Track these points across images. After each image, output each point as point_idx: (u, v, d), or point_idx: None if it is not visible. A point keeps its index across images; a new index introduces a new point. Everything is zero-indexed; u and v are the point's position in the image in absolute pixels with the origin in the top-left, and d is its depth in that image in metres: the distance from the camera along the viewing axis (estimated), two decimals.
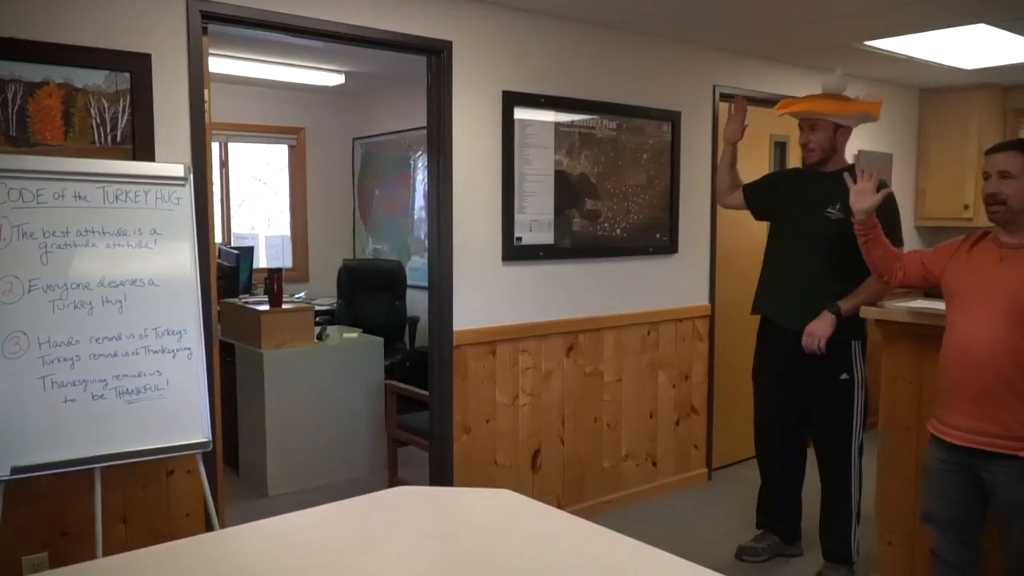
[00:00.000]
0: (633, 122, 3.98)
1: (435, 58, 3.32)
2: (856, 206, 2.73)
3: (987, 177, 2.40)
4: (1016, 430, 2.29)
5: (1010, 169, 2.34)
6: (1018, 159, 2.34)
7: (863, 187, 2.73)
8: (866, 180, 2.74)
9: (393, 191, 6.26)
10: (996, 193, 2.36)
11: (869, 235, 2.74)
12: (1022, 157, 2.35)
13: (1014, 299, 2.30)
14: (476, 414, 3.53)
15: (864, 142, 5.18)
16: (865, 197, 2.72)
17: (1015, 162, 2.34)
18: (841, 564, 3.27)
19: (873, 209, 2.72)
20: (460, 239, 3.43)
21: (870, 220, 2.73)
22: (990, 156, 2.41)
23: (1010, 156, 2.36)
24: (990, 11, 3.53)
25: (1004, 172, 2.35)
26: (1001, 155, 2.38)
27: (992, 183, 2.38)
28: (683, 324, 4.29)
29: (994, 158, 2.39)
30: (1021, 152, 2.36)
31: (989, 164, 2.40)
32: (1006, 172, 2.34)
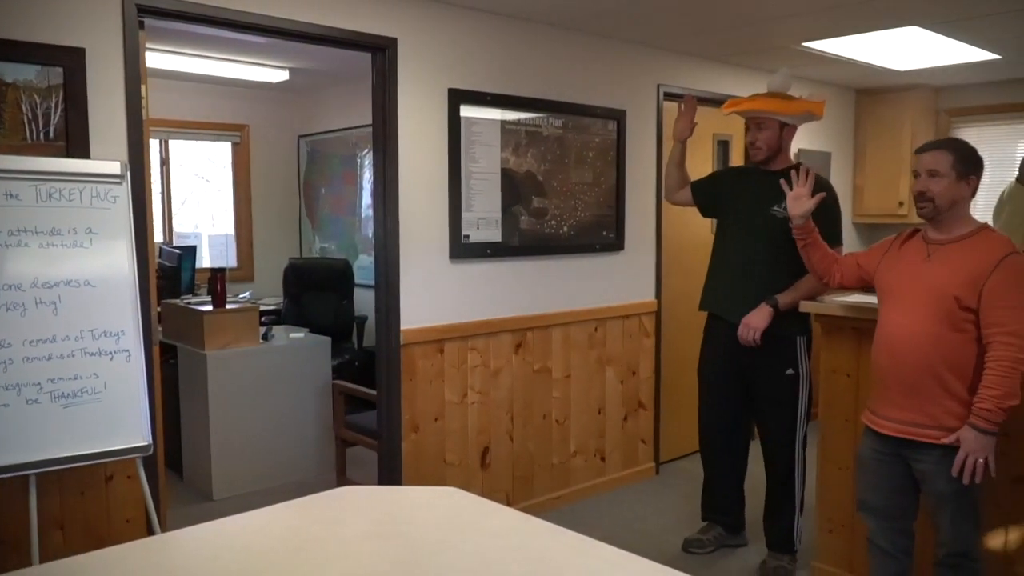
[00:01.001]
0: (579, 120, 4.01)
1: (380, 55, 3.29)
2: (793, 211, 2.81)
3: (917, 175, 2.48)
4: (943, 420, 2.38)
5: (938, 168, 2.42)
6: (946, 158, 2.43)
7: (799, 192, 2.81)
8: (801, 185, 2.81)
9: (340, 189, 6.20)
10: (924, 191, 2.44)
11: (807, 239, 2.82)
12: (950, 156, 2.43)
13: (939, 294, 2.38)
14: (424, 413, 3.52)
15: (804, 141, 5.30)
16: (801, 202, 2.80)
17: (943, 161, 2.42)
18: (784, 553, 3.35)
19: (809, 214, 2.80)
20: (407, 237, 3.41)
21: (807, 224, 2.80)
22: (920, 155, 2.50)
23: (938, 155, 2.44)
24: (921, 14, 3.65)
25: (932, 171, 2.43)
26: (929, 154, 2.46)
27: (921, 181, 2.46)
28: (630, 320, 4.34)
29: (923, 157, 2.47)
30: (949, 151, 2.44)
31: (919, 162, 2.48)
32: (934, 171, 2.42)
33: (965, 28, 3.90)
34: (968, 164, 2.44)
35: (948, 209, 2.44)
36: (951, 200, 2.43)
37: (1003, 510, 2.69)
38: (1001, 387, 2.27)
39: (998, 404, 2.27)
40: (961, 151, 2.45)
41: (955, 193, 2.42)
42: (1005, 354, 2.28)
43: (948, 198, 2.42)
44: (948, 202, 2.43)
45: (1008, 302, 2.31)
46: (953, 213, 2.45)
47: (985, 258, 2.36)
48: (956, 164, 2.41)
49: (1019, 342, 2.29)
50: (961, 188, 2.42)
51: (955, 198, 2.43)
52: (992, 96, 5.46)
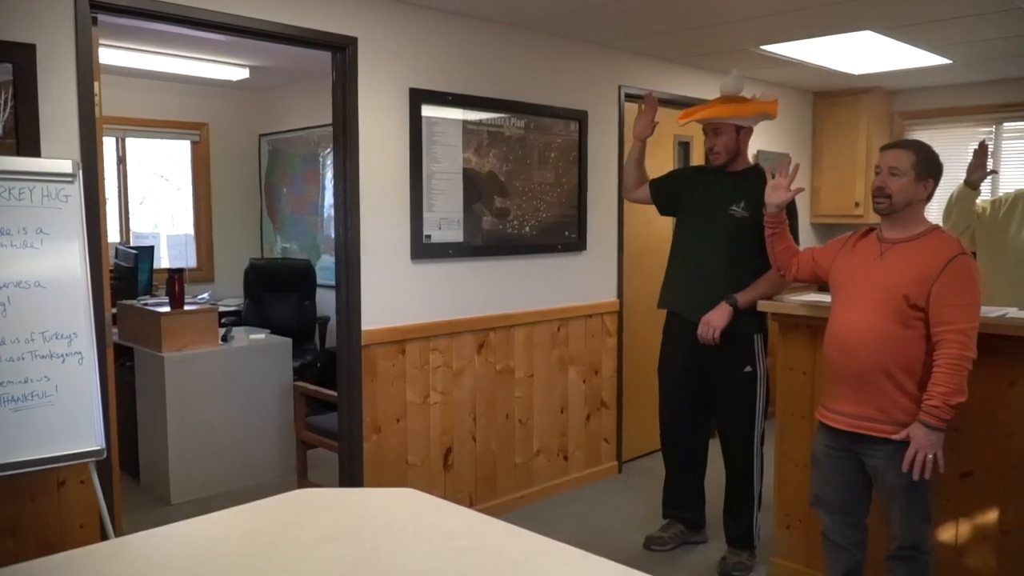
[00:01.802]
0: (541, 121, 4.03)
1: (340, 54, 3.27)
2: (770, 199, 2.85)
3: (878, 172, 2.53)
4: (894, 414, 2.43)
5: (899, 166, 2.48)
6: (908, 158, 2.49)
7: (780, 182, 2.85)
8: (784, 176, 2.85)
9: (301, 189, 6.14)
10: (883, 187, 2.49)
11: (777, 229, 2.87)
12: (912, 157, 2.49)
13: (889, 292, 2.43)
14: (386, 414, 3.51)
15: (763, 143, 5.38)
16: (780, 192, 2.84)
17: (905, 160, 2.48)
18: (743, 549, 3.39)
19: (785, 204, 2.85)
20: (368, 237, 3.39)
21: (780, 215, 2.85)
22: (884, 152, 2.55)
23: (901, 154, 2.50)
24: (875, 19, 3.72)
25: (893, 168, 2.48)
26: (892, 152, 2.52)
27: (881, 177, 2.51)
28: (592, 320, 4.37)
29: (886, 154, 2.53)
30: (912, 152, 2.50)
31: (882, 160, 2.54)
32: (895, 168, 2.48)
33: (916, 33, 3.99)
34: (928, 167, 2.49)
35: (904, 208, 2.49)
36: (907, 199, 2.48)
37: (953, 503, 2.76)
38: (949, 384, 2.33)
39: (946, 401, 2.32)
40: (923, 154, 2.50)
41: (912, 193, 2.48)
42: (953, 351, 2.34)
43: (905, 196, 2.48)
44: (904, 200, 2.48)
45: (956, 301, 2.37)
46: (908, 213, 2.50)
47: (935, 258, 2.41)
48: (917, 165, 2.47)
49: (966, 340, 2.35)
50: (918, 189, 2.48)
51: (911, 198, 2.48)
52: (944, 99, 5.59)
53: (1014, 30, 3.89)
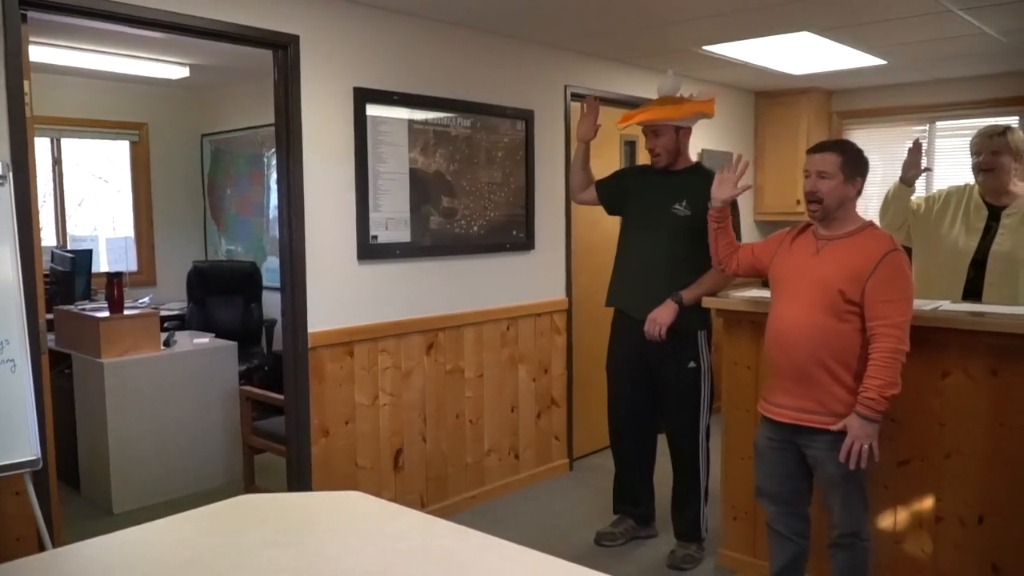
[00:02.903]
0: (487, 120, 4.03)
1: (281, 52, 3.22)
2: (716, 193, 2.89)
3: (807, 176, 2.59)
4: (831, 406, 2.50)
5: (826, 169, 2.53)
6: (835, 160, 2.54)
7: (728, 177, 2.89)
8: (732, 171, 2.90)
9: (246, 190, 6.04)
10: (814, 191, 2.55)
11: (721, 223, 2.91)
12: (838, 158, 2.54)
13: (825, 287, 2.49)
14: (334, 416, 3.47)
15: (707, 141, 5.46)
16: (727, 187, 2.88)
17: (831, 162, 2.54)
18: (692, 542, 3.44)
19: (731, 200, 2.89)
20: (313, 238, 3.35)
21: (725, 209, 2.89)
22: (810, 156, 2.61)
23: (827, 157, 2.55)
24: (812, 20, 3.81)
25: (821, 172, 2.54)
26: (819, 156, 2.57)
27: (811, 182, 2.57)
28: (541, 319, 4.38)
29: (813, 158, 2.59)
30: (837, 153, 2.56)
31: (809, 164, 2.59)
32: (823, 172, 2.54)
33: (852, 34, 4.10)
34: (855, 166, 2.56)
35: (836, 209, 2.55)
36: (839, 200, 2.55)
37: (890, 492, 2.84)
38: (884, 377, 2.40)
39: (881, 393, 2.39)
40: (849, 153, 2.57)
41: (843, 194, 2.54)
42: (887, 345, 2.41)
43: (836, 198, 2.54)
44: (836, 202, 2.54)
45: (889, 296, 2.44)
46: (840, 212, 2.57)
47: (869, 255, 2.48)
48: (844, 166, 2.53)
49: (900, 334, 2.42)
50: (848, 189, 2.54)
51: (843, 198, 2.55)
52: (880, 99, 5.75)
53: (946, 32, 4.02)
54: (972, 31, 3.96)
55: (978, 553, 2.69)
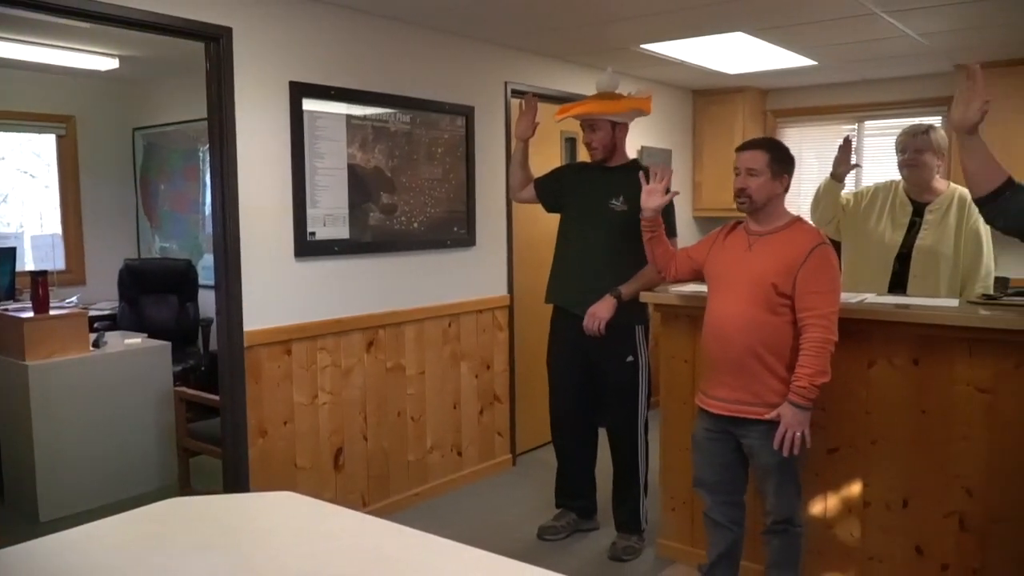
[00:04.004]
0: (427, 116, 4.00)
1: (213, 45, 3.15)
2: (646, 204, 2.92)
3: (737, 173, 2.66)
4: (766, 397, 2.56)
5: (755, 166, 2.60)
6: (762, 157, 2.62)
7: (654, 187, 2.93)
8: (658, 181, 2.93)
9: (180, 185, 5.89)
10: (744, 188, 2.62)
11: (654, 232, 2.94)
12: (766, 155, 2.62)
13: (759, 281, 2.56)
14: (272, 416, 3.41)
15: (647, 139, 5.53)
16: (655, 197, 2.92)
17: (759, 159, 2.61)
18: (632, 533, 3.49)
19: (660, 208, 2.92)
20: (248, 235, 3.28)
21: (656, 219, 2.93)
22: (739, 153, 2.68)
23: (755, 154, 2.62)
24: (744, 21, 3.89)
25: (750, 169, 2.61)
26: (747, 153, 2.64)
27: (740, 179, 2.63)
28: (483, 315, 4.38)
29: (741, 155, 2.66)
30: (765, 151, 2.63)
31: (738, 161, 2.66)
32: (752, 169, 2.61)
33: (784, 35, 4.20)
34: (782, 163, 2.64)
35: (765, 204, 2.63)
36: (767, 196, 2.62)
37: (821, 479, 2.93)
38: (814, 366, 2.47)
39: (811, 382, 2.47)
40: (776, 151, 2.65)
41: (771, 190, 2.62)
42: (816, 335, 2.49)
43: (764, 194, 2.61)
44: (765, 198, 2.62)
45: (818, 288, 2.52)
46: (769, 207, 2.64)
47: (798, 249, 2.56)
48: (771, 163, 2.61)
49: (829, 324, 2.51)
50: (775, 185, 2.62)
51: (771, 194, 2.62)
52: (811, 99, 5.91)
53: (871, 34, 4.15)
54: (896, 33, 4.10)
55: (903, 535, 2.80)
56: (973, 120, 2.18)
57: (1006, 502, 2.55)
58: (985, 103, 2.18)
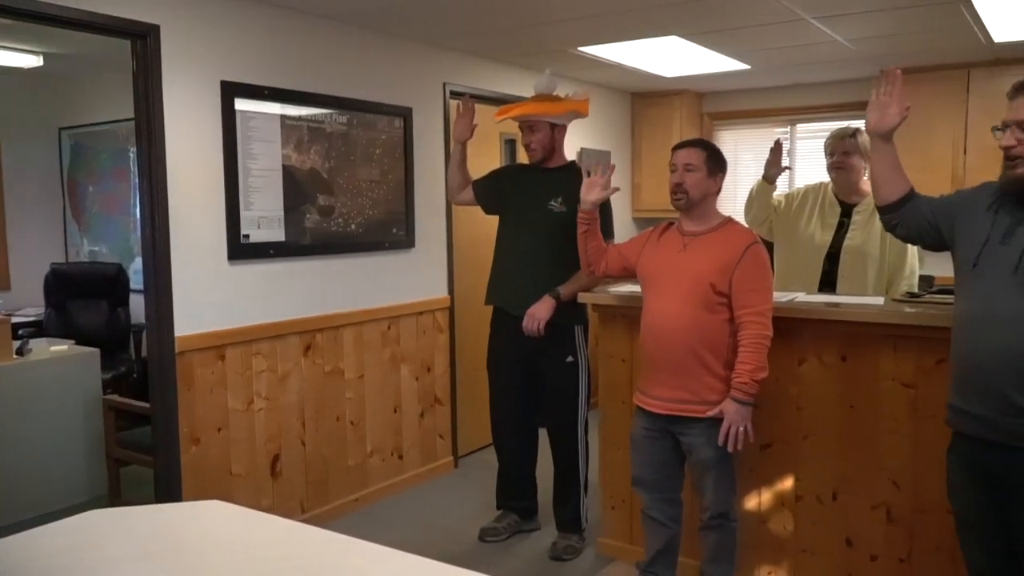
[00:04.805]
0: (364, 117, 3.96)
1: (140, 43, 3.06)
2: (585, 196, 2.94)
3: (673, 170, 2.70)
4: (705, 395, 2.61)
5: (692, 162, 2.66)
6: (700, 154, 2.68)
7: (596, 180, 2.95)
8: (599, 175, 2.96)
9: (110, 187, 5.71)
10: (681, 183, 2.67)
11: (590, 225, 2.96)
12: (703, 153, 2.69)
13: (695, 280, 2.61)
14: (206, 423, 3.33)
15: (586, 140, 5.58)
16: (595, 190, 2.94)
17: (697, 157, 2.67)
18: (573, 533, 3.51)
19: (599, 202, 2.94)
20: (179, 238, 3.20)
21: (593, 212, 2.95)
22: (677, 151, 2.73)
23: (692, 152, 2.68)
24: (678, 25, 3.95)
25: (688, 165, 2.66)
26: (684, 151, 2.70)
27: (678, 175, 2.68)
28: (424, 317, 4.36)
29: (679, 153, 2.71)
30: (702, 149, 2.70)
31: (676, 158, 2.71)
32: (689, 165, 2.66)
33: (717, 39, 4.28)
34: (717, 163, 2.70)
35: (700, 202, 2.68)
36: (703, 193, 2.67)
37: (755, 474, 2.99)
38: (753, 362, 2.54)
39: (752, 377, 2.53)
40: (712, 151, 2.72)
41: (706, 187, 2.67)
42: (754, 332, 2.55)
43: (700, 191, 2.67)
44: (700, 195, 2.67)
45: (754, 286, 2.58)
46: (703, 206, 2.69)
47: (733, 248, 2.61)
48: (708, 161, 2.67)
49: (765, 320, 2.57)
50: (711, 184, 2.68)
51: (706, 192, 2.68)
52: (746, 102, 6.04)
53: (801, 39, 4.26)
54: (825, 39, 4.22)
55: (833, 528, 2.87)
56: (892, 124, 2.25)
57: (930, 493, 2.64)
58: (905, 108, 2.25)
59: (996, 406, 1.96)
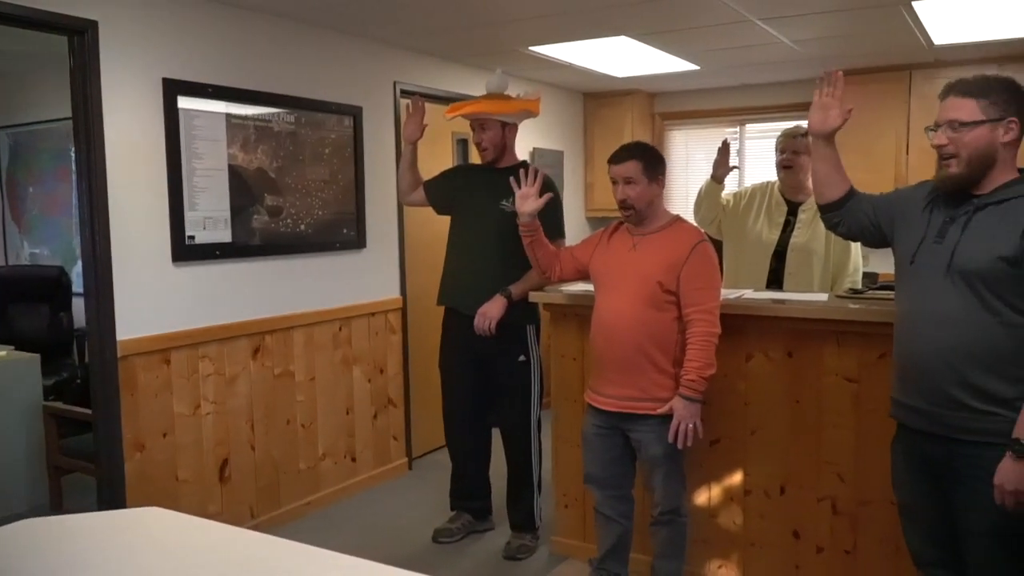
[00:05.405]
0: (313, 116, 3.91)
1: (78, 39, 2.97)
2: (521, 209, 2.94)
3: (615, 183, 2.71)
4: (654, 392, 2.63)
5: (631, 175, 2.67)
6: (635, 166, 2.67)
7: (527, 192, 2.94)
8: (529, 185, 2.95)
9: (52, 188, 5.54)
10: (625, 199, 2.68)
11: (533, 236, 2.96)
12: (639, 164, 2.67)
13: (644, 279, 2.63)
14: (150, 429, 3.25)
15: (539, 140, 5.59)
16: (529, 201, 2.93)
17: (634, 169, 2.67)
18: (527, 532, 3.51)
19: (536, 212, 2.93)
20: (120, 240, 3.12)
21: (533, 223, 2.94)
22: (612, 165, 2.72)
23: (628, 165, 2.68)
24: (628, 25, 3.98)
25: (627, 178, 2.67)
26: (621, 165, 2.69)
27: (620, 189, 2.69)
28: (376, 318, 4.32)
29: (615, 168, 2.71)
30: (637, 159, 2.68)
31: (613, 172, 2.71)
32: (628, 178, 2.67)
33: (666, 40, 4.32)
34: (655, 167, 2.71)
35: (647, 208, 2.70)
36: (648, 200, 2.69)
37: (705, 470, 3.02)
38: (701, 359, 2.56)
39: (700, 374, 2.56)
40: (646, 157, 2.70)
41: (650, 194, 2.69)
42: (701, 329, 2.58)
43: (645, 200, 2.69)
44: (646, 203, 2.69)
45: (701, 284, 2.61)
46: (651, 210, 2.71)
47: (681, 246, 2.64)
48: (645, 170, 2.67)
49: (712, 318, 2.60)
50: (653, 188, 2.69)
51: (651, 198, 2.70)
52: (696, 102, 6.11)
53: (748, 40, 4.32)
54: (771, 40, 4.28)
55: (781, 521, 2.92)
56: (834, 126, 2.29)
57: (873, 485, 2.69)
58: (847, 111, 2.30)
59: (935, 400, 2.02)
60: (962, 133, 1.98)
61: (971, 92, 1.99)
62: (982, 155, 1.98)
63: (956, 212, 2.03)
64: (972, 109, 1.97)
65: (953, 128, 2.00)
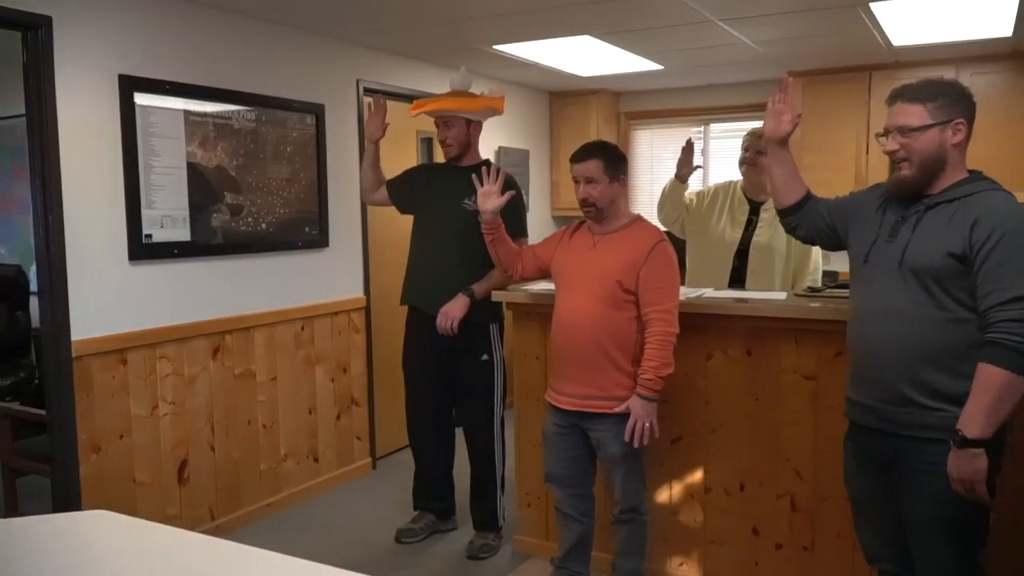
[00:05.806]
0: (274, 114, 3.87)
1: (31, 34, 2.91)
2: (483, 207, 2.93)
3: (577, 182, 2.71)
4: (613, 391, 2.64)
5: (592, 175, 2.67)
6: (597, 165, 2.67)
7: (488, 190, 2.94)
8: (491, 183, 2.95)
9: (9, 185, 5.42)
10: (587, 198, 2.68)
11: (495, 234, 2.96)
12: (600, 163, 2.68)
13: (604, 278, 2.64)
14: (106, 430, 3.20)
15: (504, 139, 5.59)
16: (491, 199, 2.93)
17: (595, 168, 2.67)
18: (490, 531, 3.51)
19: (497, 210, 2.93)
20: (75, 238, 3.06)
21: (495, 220, 2.94)
22: (574, 164, 2.72)
23: (590, 164, 2.68)
24: (591, 24, 3.99)
25: (588, 178, 2.67)
26: (582, 164, 2.69)
27: (582, 188, 2.69)
28: (339, 317, 4.29)
29: (577, 167, 2.71)
30: (598, 158, 2.69)
31: (575, 172, 2.72)
32: (590, 178, 2.67)
33: (629, 40, 4.34)
34: (616, 166, 2.71)
35: (609, 207, 2.70)
36: (610, 199, 2.70)
37: (665, 467, 3.05)
38: (659, 359, 2.58)
39: (657, 373, 2.57)
40: (607, 156, 2.71)
41: (612, 193, 2.70)
42: (660, 329, 2.60)
43: (607, 199, 2.69)
44: (608, 202, 2.70)
45: (660, 284, 2.62)
46: (612, 209, 2.72)
47: (640, 246, 2.65)
48: (607, 169, 2.68)
49: (671, 318, 2.62)
50: (615, 187, 2.70)
51: (613, 197, 2.70)
52: (661, 102, 6.15)
53: (710, 41, 4.35)
54: (733, 41, 4.32)
55: (741, 518, 2.95)
56: (786, 131, 2.33)
57: (830, 481, 2.73)
58: (797, 116, 2.33)
59: (886, 396, 2.05)
60: (912, 138, 2.02)
61: (918, 97, 2.02)
62: (933, 158, 2.02)
63: (907, 212, 2.07)
64: (920, 114, 2.01)
65: (903, 134, 2.03)
